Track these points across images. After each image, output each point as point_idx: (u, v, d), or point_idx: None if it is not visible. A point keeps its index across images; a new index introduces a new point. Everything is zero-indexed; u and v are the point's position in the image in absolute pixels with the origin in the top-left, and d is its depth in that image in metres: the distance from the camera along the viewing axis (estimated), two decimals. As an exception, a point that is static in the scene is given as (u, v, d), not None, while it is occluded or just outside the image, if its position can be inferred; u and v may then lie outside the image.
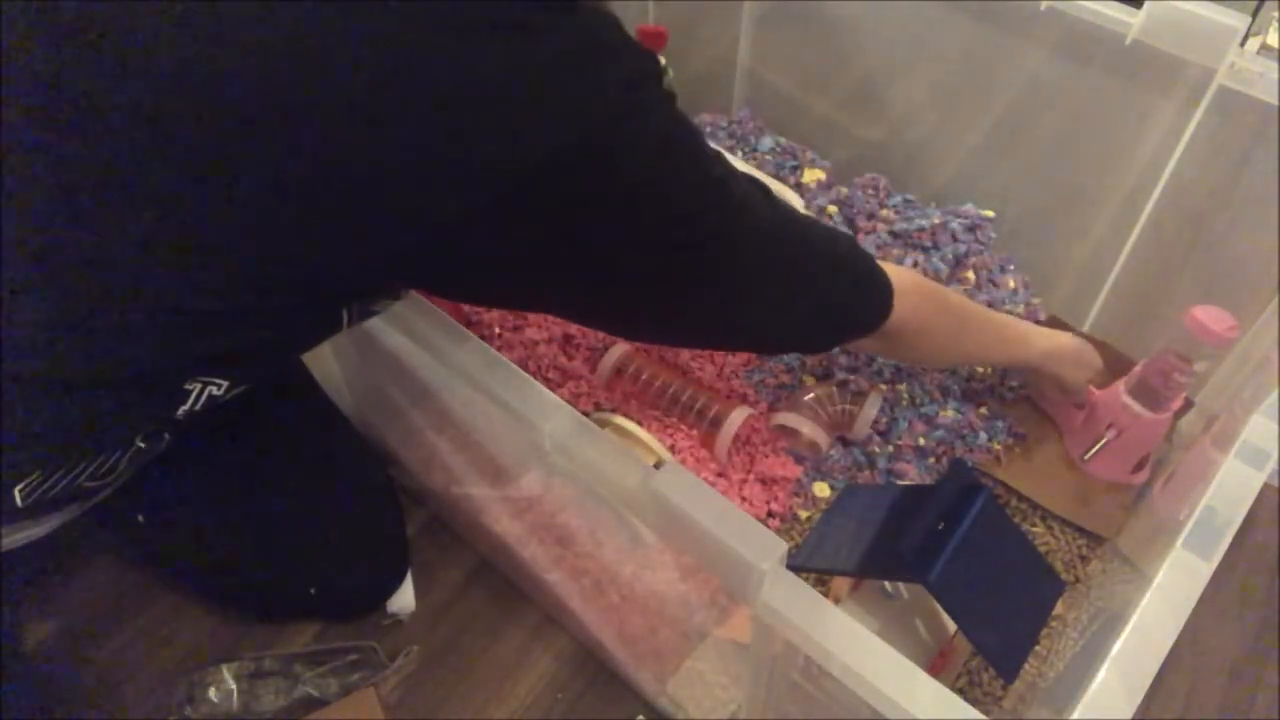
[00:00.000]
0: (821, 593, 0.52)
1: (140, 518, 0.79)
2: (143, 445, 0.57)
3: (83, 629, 0.87)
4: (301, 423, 0.87)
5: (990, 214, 1.03)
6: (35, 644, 0.86)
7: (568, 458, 0.57)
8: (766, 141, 1.17)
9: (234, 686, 0.80)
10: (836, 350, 0.99)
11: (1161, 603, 0.53)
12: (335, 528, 0.85)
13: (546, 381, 0.96)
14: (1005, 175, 1.05)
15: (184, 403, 0.52)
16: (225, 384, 0.53)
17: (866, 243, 1.00)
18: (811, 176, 1.12)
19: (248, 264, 0.45)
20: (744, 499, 0.90)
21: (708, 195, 0.55)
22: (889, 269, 0.71)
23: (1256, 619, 0.91)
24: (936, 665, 0.76)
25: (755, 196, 0.60)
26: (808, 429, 0.92)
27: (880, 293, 0.70)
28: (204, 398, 0.53)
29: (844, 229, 1.05)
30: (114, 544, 0.91)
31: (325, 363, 0.88)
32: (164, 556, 0.87)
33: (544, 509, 0.79)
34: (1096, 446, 0.91)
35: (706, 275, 0.58)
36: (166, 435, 0.61)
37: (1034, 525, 0.92)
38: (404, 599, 0.89)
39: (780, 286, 0.63)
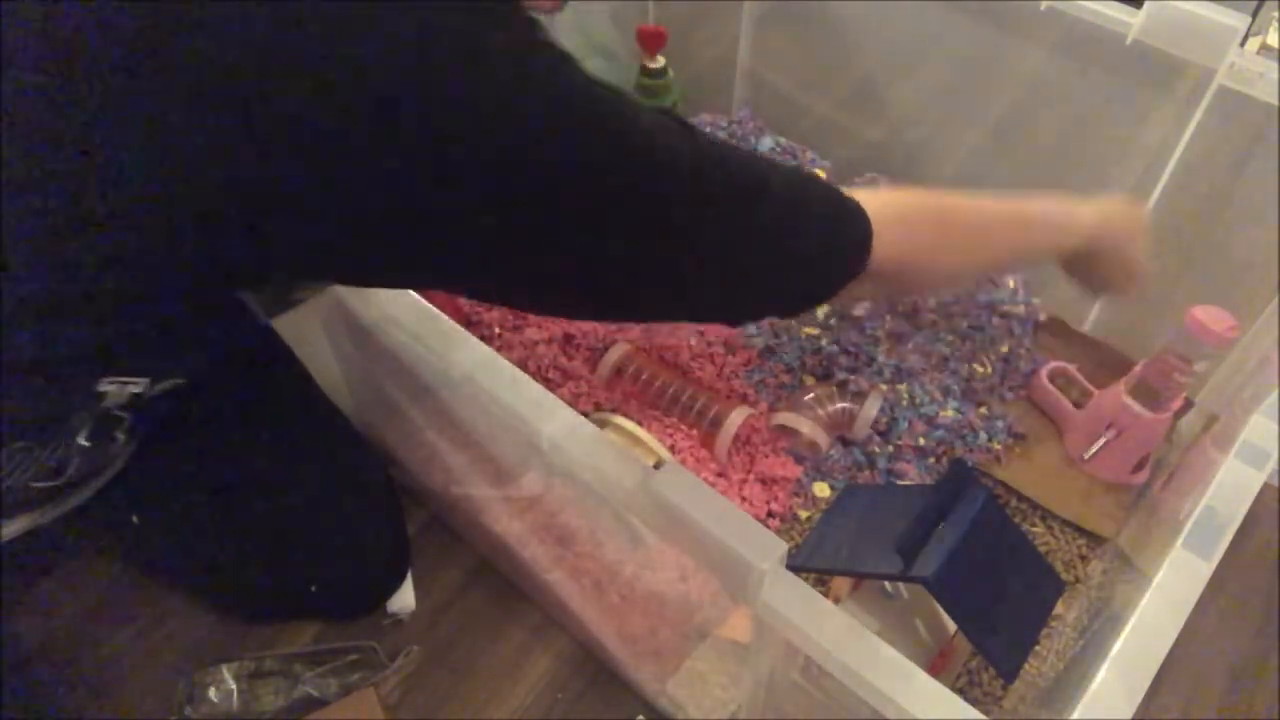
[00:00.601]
0: (821, 593, 0.52)
1: (135, 518, 0.79)
2: (87, 444, 0.56)
3: (83, 629, 0.87)
4: (299, 421, 0.87)
5: (990, 214, 1.03)
6: (35, 644, 0.86)
7: (568, 458, 0.57)
8: (766, 141, 1.17)
9: (234, 686, 0.80)
10: (836, 349, 0.99)
11: (1162, 602, 0.53)
12: (335, 526, 0.84)
13: (546, 381, 0.96)
14: (1005, 175, 1.05)
15: (103, 400, 0.51)
16: (144, 381, 0.52)
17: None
18: (811, 176, 1.12)
19: (124, 246, 0.43)
20: (744, 499, 0.90)
21: (615, 156, 0.47)
22: (866, 197, 0.60)
23: (1256, 619, 0.91)
24: (936, 665, 0.76)
25: (679, 145, 0.50)
26: (808, 429, 0.92)
27: (855, 231, 0.59)
28: (125, 396, 0.51)
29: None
30: (110, 545, 0.91)
31: (325, 363, 0.88)
32: (160, 558, 0.87)
33: (544, 509, 0.79)
34: (1096, 446, 0.91)
35: (639, 246, 0.50)
36: (119, 435, 0.60)
37: (1034, 525, 0.92)
38: (404, 599, 0.89)
39: (732, 244, 0.54)
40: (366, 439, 0.91)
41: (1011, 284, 1.02)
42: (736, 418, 0.92)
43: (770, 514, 0.91)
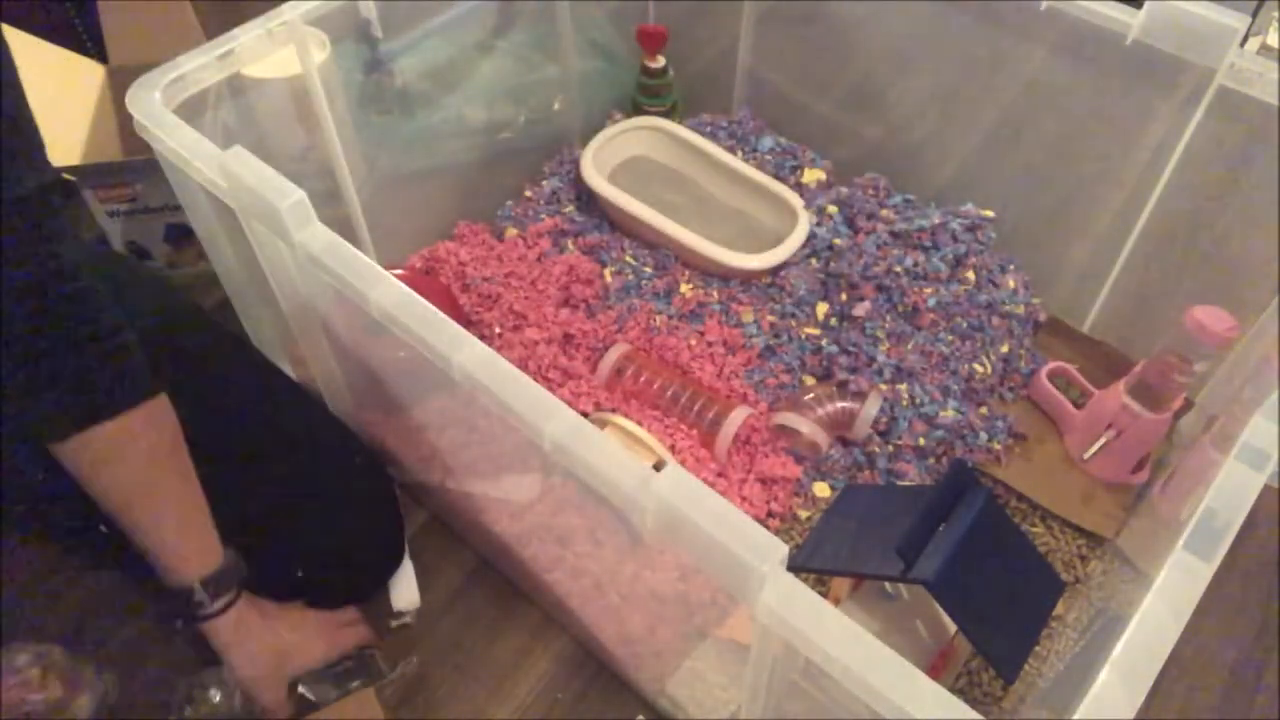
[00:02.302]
0: (821, 593, 0.53)
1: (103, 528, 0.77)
2: None
3: (83, 628, 0.87)
4: (266, 403, 0.87)
5: (990, 214, 1.03)
6: (36, 644, 0.86)
7: (568, 458, 0.57)
8: (766, 141, 1.17)
9: (234, 687, 0.80)
10: (836, 349, 0.99)
11: (1162, 604, 0.53)
12: (322, 506, 0.84)
13: (546, 381, 0.96)
14: (1005, 175, 1.05)
15: None
16: None
17: (866, 243, 1.00)
18: (811, 176, 1.12)
19: None
20: (744, 499, 0.90)
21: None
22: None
23: (1256, 619, 0.91)
24: (936, 666, 0.76)
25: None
26: (808, 429, 0.92)
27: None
28: None
29: (844, 229, 1.05)
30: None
31: (326, 363, 0.88)
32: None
33: (544, 509, 0.79)
34: (1096, 446, 0.91)
35: None
36: None
37: (1034, 525, 0.92)
38: (409, 596, 0.89)
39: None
40: (359, 434, 0.91)
41: (1012, 284, 1.02)
42: (736, 418, 0.92)
43: (770, 514, 0.91)
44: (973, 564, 0.67)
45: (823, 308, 1.02)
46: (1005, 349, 1.00)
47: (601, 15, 1.19)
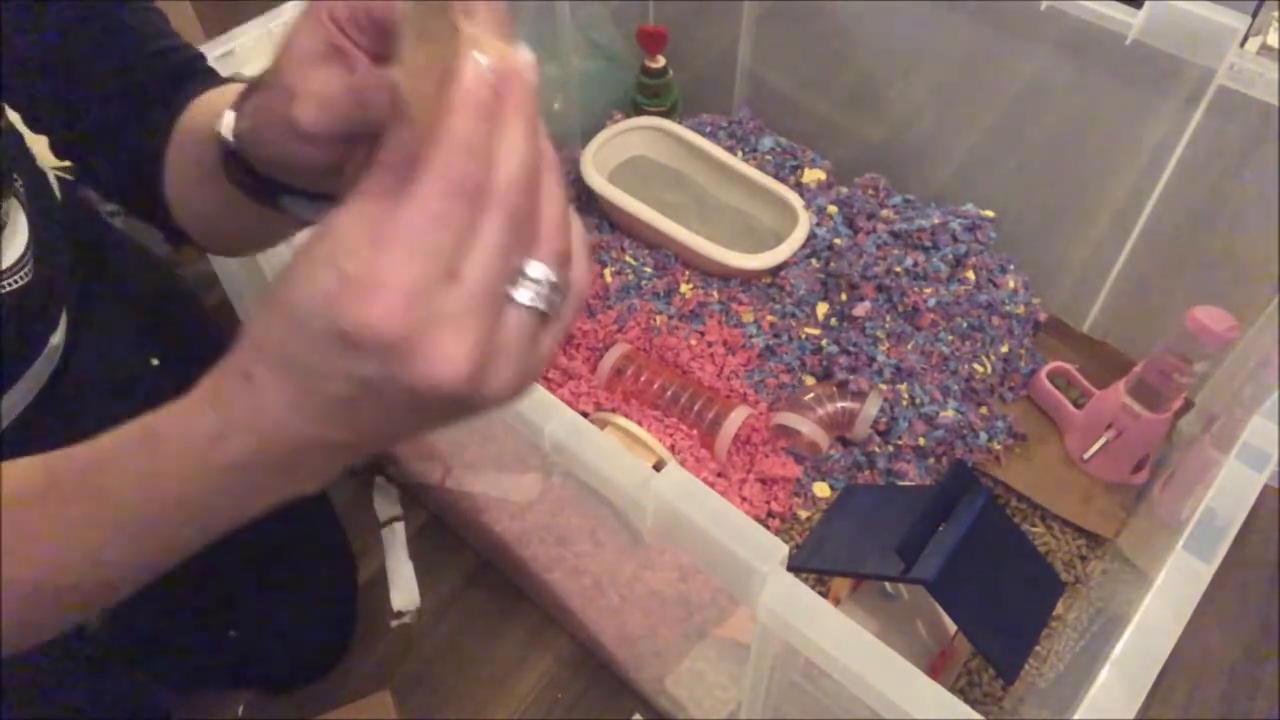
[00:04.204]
0: (821, 593, 0.53)
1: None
2: None
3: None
4: None
5: (990, 214, 1.03)
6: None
7: (568, 458, 0.57)
8: (766, 141, 1.17)
9: None
10: (836, 349, 0.99)
11: (1162, 604, 0.53)
12: (275, 594, 0.79)
13: (546, 381, 0.96)
14: (1005, 175, 1.05)
15: None
16: None
17: (866, 243, 1.00)
18: (811, 176, 1.12)
19: None
20: (744, 499, 0.90)
21: None
22: None
23: (1256, 620, 0.91)
24: (936, 666, 0.76)
25: None
26: (808, 429, 0.92)
27: None
28: None
29: (844, 229, 1.05)
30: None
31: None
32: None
33: (544, 509, 0.79)
34: (1096, 446, 0.91)
35: None
36: None
37: (1034, 525, 0.92)
38: (409, 596, 0.89)
39: None
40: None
41: (1012, 284, 1.02)
42: (736, 418, 0.92)
43: (770, 514, 0.91)
44: (973, 564, 0.67)
45: (823, 308, 1.02)
46: (1005, 349, 1.00)
47: (601, 15, 1.19)
